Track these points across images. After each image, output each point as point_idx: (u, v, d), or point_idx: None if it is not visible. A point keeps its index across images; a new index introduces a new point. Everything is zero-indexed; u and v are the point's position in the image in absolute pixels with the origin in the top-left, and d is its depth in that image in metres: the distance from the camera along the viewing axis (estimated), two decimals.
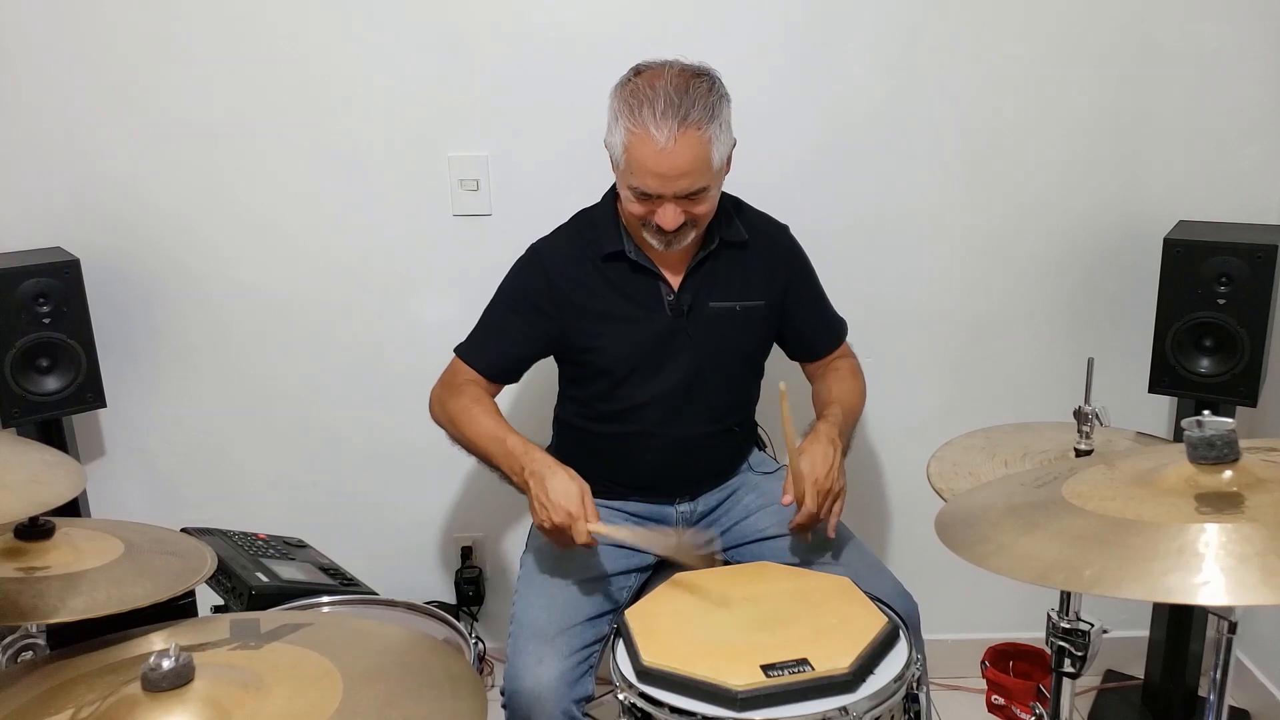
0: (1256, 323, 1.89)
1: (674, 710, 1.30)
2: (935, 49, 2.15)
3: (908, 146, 2.20)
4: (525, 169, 2.21)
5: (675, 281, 1.79)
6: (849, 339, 1.98)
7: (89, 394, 2.10)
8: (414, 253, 2.26)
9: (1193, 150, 2.17)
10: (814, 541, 1.73)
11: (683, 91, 1.60)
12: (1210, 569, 0.92)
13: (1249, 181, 2.18)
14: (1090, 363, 1.56)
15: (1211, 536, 0.95)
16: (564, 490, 1.57)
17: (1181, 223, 2.11)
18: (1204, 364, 1.95)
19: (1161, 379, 1.99)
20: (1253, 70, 2.13)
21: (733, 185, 1.94)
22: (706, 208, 1.69)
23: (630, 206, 1.69)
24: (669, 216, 1.65)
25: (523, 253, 1.85)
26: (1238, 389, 1.91)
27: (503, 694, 1.58)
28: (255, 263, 2.27)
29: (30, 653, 1.41)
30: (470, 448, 1.77)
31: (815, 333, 1.93)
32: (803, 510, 1.63)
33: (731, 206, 1.85)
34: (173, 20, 2.14)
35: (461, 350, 1.85)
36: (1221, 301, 1.90)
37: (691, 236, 1.72)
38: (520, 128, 2.19)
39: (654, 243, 1.72)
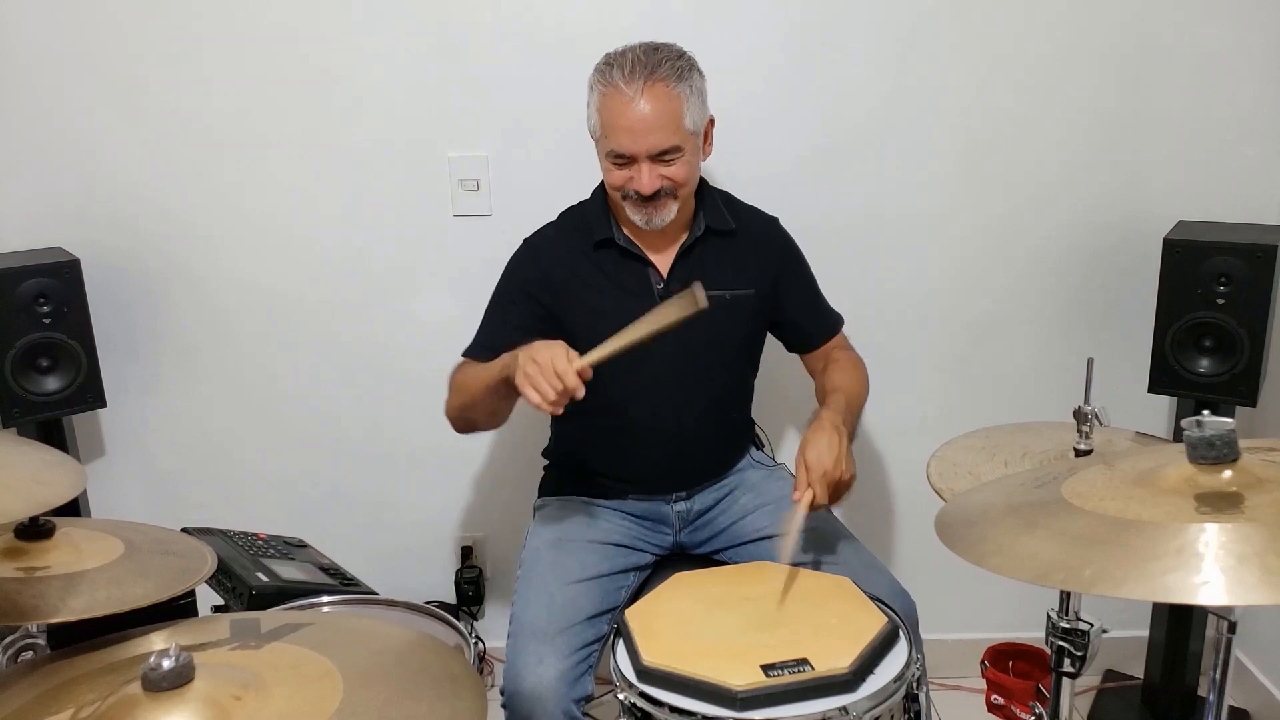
0: (1256, 323, 1.88)
1: (674, 710, 1.30)
2: (935, 49, 2.15)
3: (907, 146, 2.20)
4: (525, 169, 2.21)
5: (664, 268, 1.81)
6: (849, 336, 1.99)
7: (89, 394, 2.10)
8: (414, 253, 2.26)
9: (1193, 150, 2.18)
10: (807, 542, 1.73)
11: (650, 53, 1.70)
12: (1210, 569, 0.92)
13: (1249, 181, 2.18)
14: (1090, 363, 1.56)
15: (1211, 536, 0.95)
16: (545, 348, 1.51)
17: (1181, 223, 2.11)
18: (1204, 364, 1.95)
19: (1161, 379, 1.99)
20: (1253, 70, 2.13)
21: (733, 183, 1.95)
22: (684, 173, 1.71)
23: (610, 177, 1.72)
24: (645, 179, 1.68)
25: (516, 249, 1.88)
26: (1237, 389, 1.91)
27: (503, 694, 1.58)
28: (256, 262, 2.27)
29: (30, 653, 1.41)
30: (484, 397, 1.70)
31: (809, 322, 1.94)
32: (815, 501, 1.58)
33: (721, 199, 1.87)
34: (174, 20, 2.14)
35: (467, 351, 1.85)
36: (1221, 301, 1.90)
37: (673, 211, 1.74)
38: (520, 128, 2.19)
39: (636, 218, 1.74)
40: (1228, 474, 1.04)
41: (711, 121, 1.78)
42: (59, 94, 2.16)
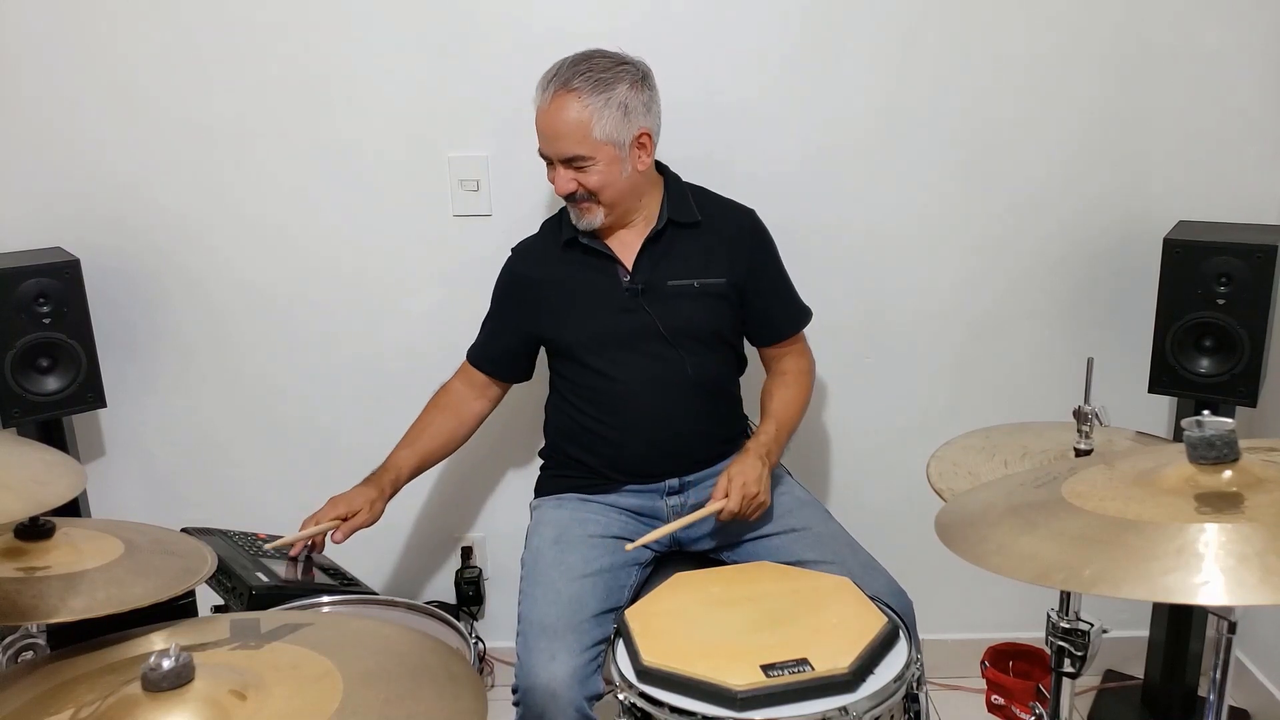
0: (1256, 323, 1.88)
1: (674, 710, 1.30)
2: (934, 50, 2.15)
3: (908, 147, 2.20)
4: (525, 169, 2.20)
5: (629, 262, 1.86)
6: (847, 338, 1.98)
7: (89, 394, 2.10)
8: (414, 253, 2.26)
9: (1193, 150, 2.17)
10: (807, 542, 1.76)
11: (576, 63, 1.75)
12: (1210, 569, 0.92)
13: (1249, 181, 2.18)
14: (1090, 363, 1.56)
15: (1211, 536, 0.95)
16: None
17: (1181, 223, 2.11)
18: (1204, 364, 1.95)
19: (1161, 379, 1.99)
20: (1253, 70, 2.13)
21: (733, 185, 1.95)
22: (597, 180, 1.77)
23: (548, 176, 1.82)
24: (559, 181, 1.78)
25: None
26: (1237, 389, 1.91)
27: (515, 691, 1.58)
28: (255, 263, 2.26)
29: (30, 653, 1.41)
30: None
31: (776, 314, 1.95)
32: (726, 509, 1.70)
33: (691, 193, 1.91)
34: (173, 20, 2.14)
35: (468, 354, 2.01)
36: (1221, 301, 1.90)
37: (599, 215, 1.81)
38: (520, 128, 2.18)
39: (573, 218, 1.83)
40: (1228, 474, 1.04)
41: (647, 134, 1.79)
42: (59, 94, 2.16)
